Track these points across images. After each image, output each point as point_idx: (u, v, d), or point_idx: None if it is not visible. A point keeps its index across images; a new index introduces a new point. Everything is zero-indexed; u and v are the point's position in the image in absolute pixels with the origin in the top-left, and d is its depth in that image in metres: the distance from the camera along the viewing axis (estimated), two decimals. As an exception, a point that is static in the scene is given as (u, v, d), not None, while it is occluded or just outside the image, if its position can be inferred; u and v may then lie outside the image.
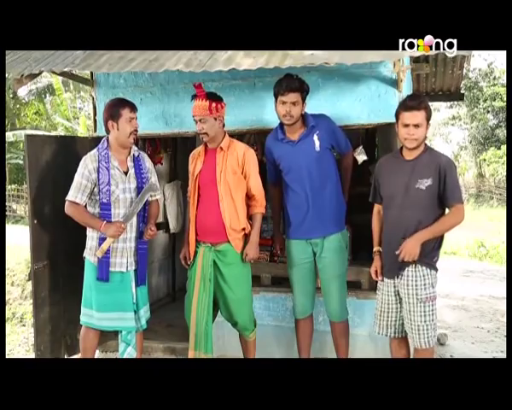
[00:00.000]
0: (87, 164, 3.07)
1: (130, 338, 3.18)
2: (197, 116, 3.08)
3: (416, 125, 2.70)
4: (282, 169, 3.28)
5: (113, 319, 3.12)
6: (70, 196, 3.07)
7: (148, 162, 3.28)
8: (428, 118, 2.74)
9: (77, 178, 3.07)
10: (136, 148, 3.23)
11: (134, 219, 3.12)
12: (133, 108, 3.12)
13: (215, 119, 3.08)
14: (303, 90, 3.11)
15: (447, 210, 2.79)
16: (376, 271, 2.95)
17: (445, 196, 2.71)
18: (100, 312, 3.10)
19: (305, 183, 3.18)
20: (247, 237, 3.20)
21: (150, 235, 3.16)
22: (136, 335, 3.23)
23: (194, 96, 3.09)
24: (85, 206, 3.11)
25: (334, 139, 3.24)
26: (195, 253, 3.18)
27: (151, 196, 3.23)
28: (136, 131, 3.13)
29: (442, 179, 2.68)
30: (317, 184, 3.17)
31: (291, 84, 3.07)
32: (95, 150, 3.13)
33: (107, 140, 3.14)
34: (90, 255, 3.11)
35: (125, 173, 3.13)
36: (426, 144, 2.83)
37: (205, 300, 3.12)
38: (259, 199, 3.21)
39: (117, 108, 3.08)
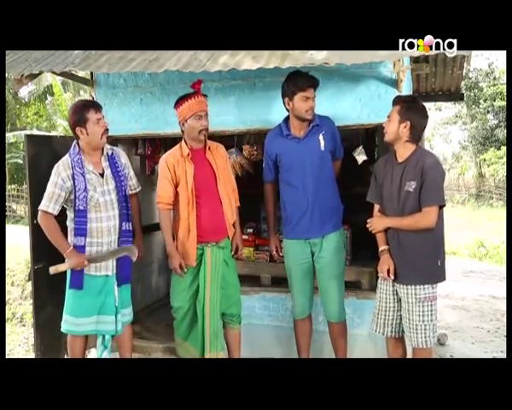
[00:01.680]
0: (60, 172, 2.99)
1: (107, 342, 3.14)
2: (202, 111, 3.09)
3: (388, 118, 2.84)
4: (282, 166, 3.27)
5: (92, 322, 3.06)
6: (42, 206, 3.00)
7: (123, 158, 3.24)
8: (403, 114, 2.75)
9: (49, 187, 3.00)
10: (109, 146, 3.18)
11: (117, 222, 3.08)
12: (98, 108, 3.05)
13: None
14: (317, 85, 3.16)
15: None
16: (389, 269, 2.83)
17: (420, 197, 2.71)
18: (78, 317, 3.05)
19: (307, 180, 3.17)
20: None
21: (139, 258, 3.21)
22: (126, 336, 3.21)
23: (194, 94, 3.10)
24: (62, 214, 3.07)
25: (335, 143, 3.26)
26: (199, 255, 3.18)
27: (132, 188, 3.26)
28: (107, 130, 3.07)
29: (422, 180, 2.69)
30: (319, 183, 3.17)
31: (312, 79, 3.11)
32: (66, 156, 3.06)
33: (78, 144, 3.07)
34: None
35: (102, 175, 3.08)
36: (418, 146, 2.84)
37: (217, 298, 3.15)
38: (236, 193, 3.37)
39: (81, 112, 3.00)
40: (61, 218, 3.09)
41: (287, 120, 3.26)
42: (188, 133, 3.15)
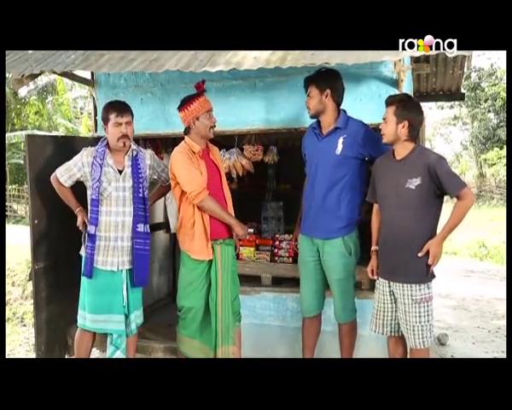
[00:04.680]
0: (82, 156, 3.14)
1: (120, 342, 3.17)
2: (211, 109, 3.15)
3: (384, 120, 2.82)
4: (306, 159, 3.32)
5: (101, 321, 3.11)
6: (58, 171, 3.19)
7: (148, 160, 3.27)
8: (400, 114, 2.74)
9: (71, 161, 3.17)
10: (135, 147, 3.21)
11: (127, 219, 3.11)
12: (121, 112, 3.06)
13: None
14: (315, 81, 3.10)
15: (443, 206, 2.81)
16: (372, 270, 3.00)
17: (446, 191, 2.70)
18: (91, 313, 3.11)
19: (314, 179, 3.18)
20: None
21: None
22: (130, 338, 3.22)
23: (201, 93, 3.13)
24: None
25: (364, 150, 3.11)
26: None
27: (163, 183, 3.39)
28: (125, 136, 3.07)
29: (434, 177, 2.67)
30: (324, 186, 3.13)
31: (306, 80, 3.15)
32: (95, 147, 3.17)
33: (107, 139, 3.16)
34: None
35: (120, 172, 3.13)
36: (417, 143, 2.84)
37: (228, 294, 3.19)
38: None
39: (106, 111, 3.11)
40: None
41: None
42: (199, 131, 3.14)
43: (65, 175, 3.16)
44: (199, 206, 3.09)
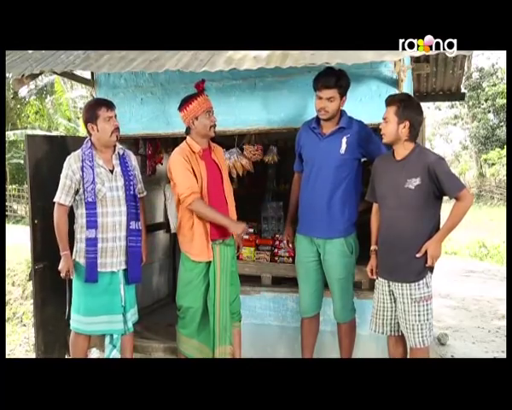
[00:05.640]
0: (70, 164, 3.07)
1: (117, 341, 3.17)
2: (211, 108, 3.13)
3: (384, 120, 2.82)
4: (303, 157, 3.29)
5: (101, 322, 3.10)
6: (55, 198, 3.09)
7: (133, 160, 3.30)
8: (401, 114, 2.74)
9: (61, 179, 3.08)
10: (120, 145, 3.22)
11: (123, 218, 3.11)
12: (110, 106, 3.10)
13: None
14: (340, 86, 3.06)
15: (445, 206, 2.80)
16: (372, 269, 3.00)
17: (445, 191, 2.71)
18: (88, 316, 3.09)
19: (319, 179, 3.16)
20: None
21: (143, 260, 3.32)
22: (126, 337, 3.23)
23: (200, 93, 3.11)
24: (71, 207, 3.13)
25: (364, 150, 3.15)
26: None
27: (139, 192, 3.29)
28: (118, 129, 3.11)
29: (434, 177, 2.68)
30: (328, 187, 3.12)
31: (327, 81, 3.05)
32: (79, 150, 3.12)
33: (91, 140, 3.13)
34: (80, 258, 3.10)
35: (111, 172, 3.12)
36: (417, 144, 2.84)
37: (226, 294, 3.18)
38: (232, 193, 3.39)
39: (93, 109, 3.08)
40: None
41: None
42: (198, 131, 3.13)
43: (63, 195, 3.07)
44: (190, 209, 3.08)
